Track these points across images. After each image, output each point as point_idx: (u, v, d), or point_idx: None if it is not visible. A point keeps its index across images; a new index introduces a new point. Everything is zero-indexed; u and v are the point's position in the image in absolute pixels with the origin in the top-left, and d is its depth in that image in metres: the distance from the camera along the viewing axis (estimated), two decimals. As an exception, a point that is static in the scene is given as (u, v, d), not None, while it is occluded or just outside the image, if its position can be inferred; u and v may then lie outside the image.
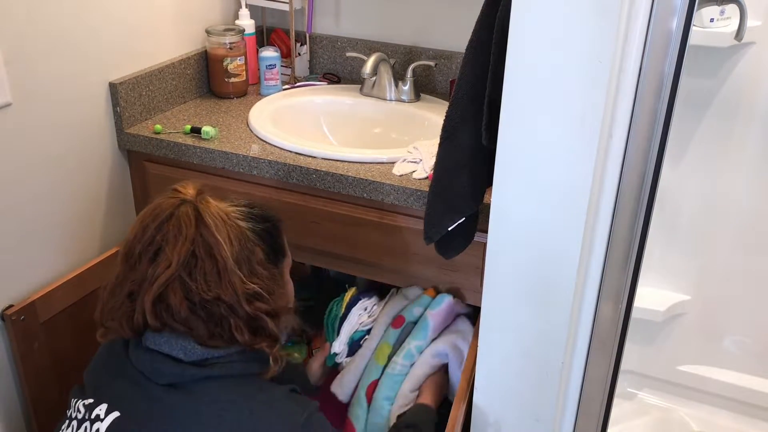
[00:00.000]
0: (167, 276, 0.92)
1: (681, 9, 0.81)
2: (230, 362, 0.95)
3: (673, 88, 0.86)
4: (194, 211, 0.95)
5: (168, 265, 0.92)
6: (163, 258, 0.93)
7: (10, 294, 1.32)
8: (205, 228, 0.94)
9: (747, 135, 1.60)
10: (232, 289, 0.93)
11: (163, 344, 0.95)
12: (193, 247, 0.93)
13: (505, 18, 0.88)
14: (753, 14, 1.44)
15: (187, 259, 0.92)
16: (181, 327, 0.93)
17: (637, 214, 0.94)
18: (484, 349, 1.12)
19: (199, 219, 0.94)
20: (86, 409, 0.96)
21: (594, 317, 1.03)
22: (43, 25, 1.27)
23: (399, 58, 1.72)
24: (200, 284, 0.92)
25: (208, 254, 0.93)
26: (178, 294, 0.92)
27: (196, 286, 0.92)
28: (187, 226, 0.93)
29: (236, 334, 0.94)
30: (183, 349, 0.94)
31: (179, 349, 0.94)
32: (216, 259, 0.93)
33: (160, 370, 0.94)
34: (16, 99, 1.25)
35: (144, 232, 0.95)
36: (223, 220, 0.96)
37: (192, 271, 0.93)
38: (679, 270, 1.79)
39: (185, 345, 0.94)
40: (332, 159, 1.38)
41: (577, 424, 1.13)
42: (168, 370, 0.93)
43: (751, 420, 1.83)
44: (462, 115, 1.04)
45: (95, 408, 0.95)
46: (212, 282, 0.93)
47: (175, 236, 0.93)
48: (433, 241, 1.13)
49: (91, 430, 0.93)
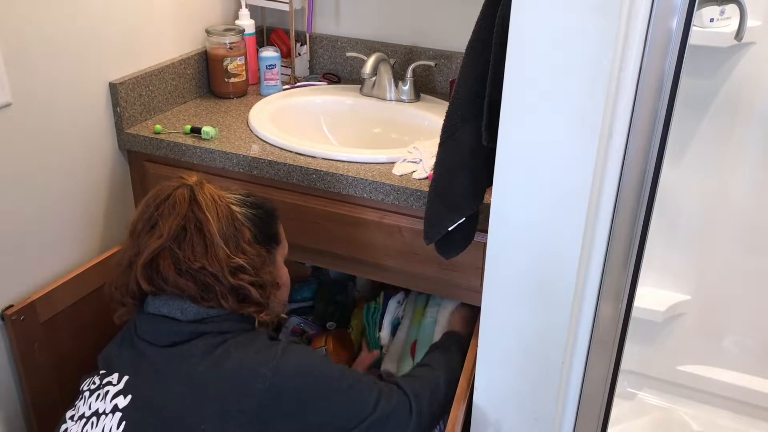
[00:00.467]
0: (158, 245, 1.03)
1: (681, 9, 0.81)
2: (224, 320, 1.05)
3: (673, 88, 0.86)
4: (189, 192, 1.06)
5: (160, 236, 1.03)
6: (156, 230, 1.04)
7: (10, 294, 1.32)
8: (196, 206, 1.05)
9: (747, 135, 1.60)
10: (217, 261, 1.03)
11: (161, 306, 1.05)
12: (184, 222, 1.04)
13: (505, 18, 0.88)
14: (753, 14, 1.44)
15: (177, 232, 1.03)
16: (174, 290, 1.03)
17: (637, 214, 0.94)
18: (484, 349, 1.12)
19: (192, 198, 1.06)
20: (99, 380, 1.05)
21: (594, 317, 1.03)
22: (43, 25, 1.27)
23: (399, 58, 1.72)
24: (188, 254, 1.02)
25: (197, 229, 1.04)
26: (167, 261, 1.03)
27: (184, 255, 1.02)
28: (181, 204, 1.05)
29: (222, 300, 1.04)
30: (180, 308, 1.04)
31: (177, 309, 1.04)
32: (204, 234, 1.04)
33: (161, 330, 1.04)
34: (16, 99, 1.25)
35: (146, 210, 1.07)
36: (213, 200, 1.07)
37: (181, 243, 1.03)
38: (679, 270, 1.79)
39: (182, 305, 1.04)
40: (332, 159, 1.38)
41: (577, 424, 1.13)
42: (167, 329, 1.03)
43: (751, 420, 1.83)
44: (462, 115, 1.04)
45: (107, 377, 1.05)
46: (199, 254, 1.03)
47: (169, 212, 1.05)
48: (433, 241, 1.13)
49: (104, 394, 1.02)
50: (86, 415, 1.02)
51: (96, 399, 1.02)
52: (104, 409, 1.00)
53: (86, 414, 1.02)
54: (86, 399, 1.04)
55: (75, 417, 1.04)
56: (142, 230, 1.06)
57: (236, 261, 1.04)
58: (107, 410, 0.99)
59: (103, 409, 1.00)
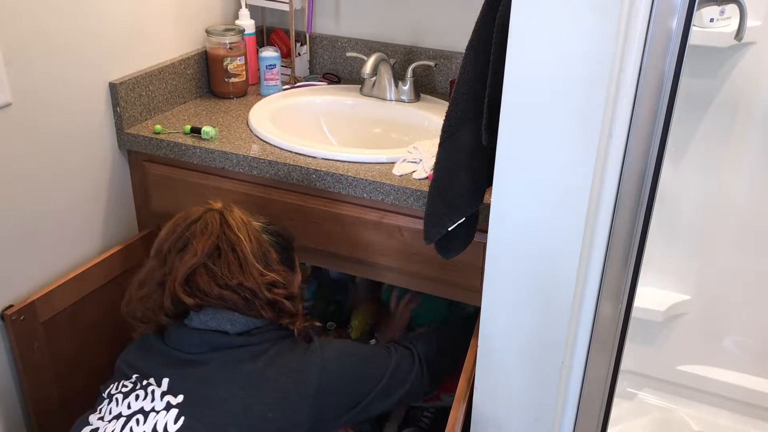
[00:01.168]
0: (193, 262, 1.06)
1: (681, 9, 0.81)
2: (266, 331, 1.10)
3: (673, 88, 0.86)
4: (219, 215, 1.11)
5: (194, 254, 1.06)
6: (190, 249, 1.07)
7: (10, 294, 1.32)
8: (228, 227, 1.10)
9: (747, 135, 1.60)
10: (253, 278, 1.08)
11: (209, 320, 1.08)
12: (218, 242, 1.08)
13: (505, 18, 0.88)
14: (753, 14, 1.44)
15: (211, 251, 1.07)
16: (218, 302, 1.07)
17: (637, 214, 0.94)
18: (484, 349, 1.12)
19: (223, 221, 1.10)
20: (133, 384, 1.07)
21: (594, 317, 1.03)
22: (43, 25, 1.27)
23: (399, 58, 1.72)
24: (225, 272, 1.07)
25: (231, 248, 1.08)
26: (204, 278, 1.06)
27: (221, 272, 1.06)
28: (213, 225, 1.09)
29: (262, 311, 1.08)
30: (230, 320, 1.08)
31: (226, 321, 1.08)
32: (237, 253, 1.08)
33: (209, 343, 1.07)
34: (16, 99, 1.25)
35: (174, 230, 1.10)
36: (243, 223, 1.12)
37: (216, 261, 1.07)
38: (679, 270, 1.79)
39: (231, 316, 1.08)
40: (332, 159, 1.38)
41: (577, 424, 1.13)
42: (217, 341, 1.07)
43: (751, 420, 1.83)
44: (462, 115, 1.04)
45: (144, 379, 1.06)
46: (235, 271, 1.07)
47: (201, 232, 1.08)
48: (433, 241, 1.13)
49: (147, 393, 1.04)
50: (125, 414, 1.03)
51: (136, 399, 1.04)
52: (153, 407, 1.02)
53: (125, 413, 1.03)
54: (120, 401, 1.05)
55: (106, 417, 1.04)
56: (170, 250, 1.09)
57: (270, 277, 1.10)
58: (157, 408, 1.02)
59: (152, 407, 1.02)
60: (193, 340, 1.08)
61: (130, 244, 1.55)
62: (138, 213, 1.60)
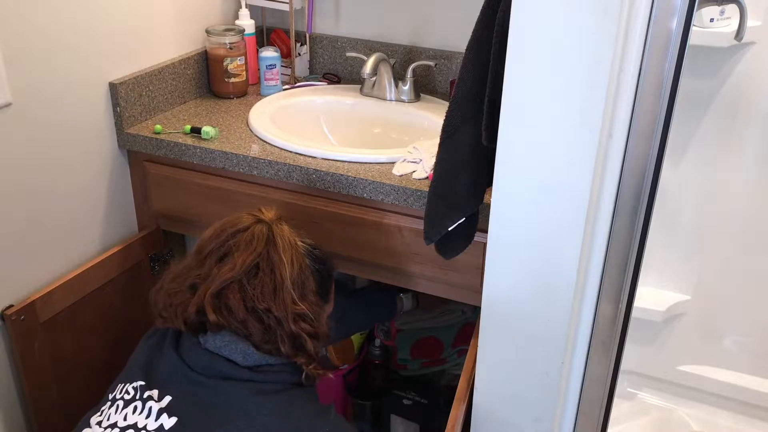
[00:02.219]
0: (230, 276, 1.02)
1: (681, 9, 0.81)
2: (280, 371, 1.04)
3: (673, 88, 0.86)
4: (268, 230, 1.06)
5: (233, 268, 1.02)
6: (229, 260, 1.03)
7: (10, 294, 1.32)
8: (273, 247, 1.05)
9: (747, 135, 1.60)
10: (284, 306, 1.02)
11: (223, 347, 1.02)
12: (259, 259, 1.03)
13: (505, 18, 0.88)
14: (753, 14, 1.44)
15: (250, 268, 1.02)
16: (240, 327, 1.02)
17: (637, 214, 0.94)
18: (484, 349, 1.12)
19: (270, 238, 1.05)
20: (136, 391, 1.02)
21: (594, 317, 1.03)
22: (43, 25, 1.27)
23: (399, 58, 1.72)
24: (257, 293, 1.01)
25: (270, 269, 1.03)
26: (235, 295, 1.01)
27: (253, 293, 1.01)
28: (258, 241, 1.04)
29: (280, 344, 1.02)
30: (242, 353, 1.02)
31: (238, 353, 1.02)
32: (275, 275, 1.03)
33: (216, 369, 1.01)
34: (16, 99, 1.25)
35: (220, 234, 1.07)
36: (290, 244, 1.07)
37: (252, 279, 1.02)
38: (679, 270, 1.79)
39: (244, 349, 1.02)
40: (332, 159, 1.38)
41: (577, 424, 1.13)
42: (225, 369, 1.01)
43: (751, 420, 1.83)
44: (462, 115, 1.04)
45: (146, 390, 1.01)
46: (267, 294, 1.02)
47: (246, 246, 1.04)
48: (433, 241, 1.13)
49: (144, 408, 1.00)
50: (120, 425, 0.99)
51: (133, 411, 1.00)
52: (146, 425, 0.98)
53: (119, 424, 1.00)
54: (120, 408, 1.02)
55: (104, 424, 1.02)
56: (211, 254, 1.05)
57: (301, 308, 1.04)
58: (150, 428, 0.97)
59: (144, 425, 0.98)
60: (202, 361, 1.02)
61: (130, 244, 1.55)
62: (138, 213, 1.60)
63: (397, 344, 1.73)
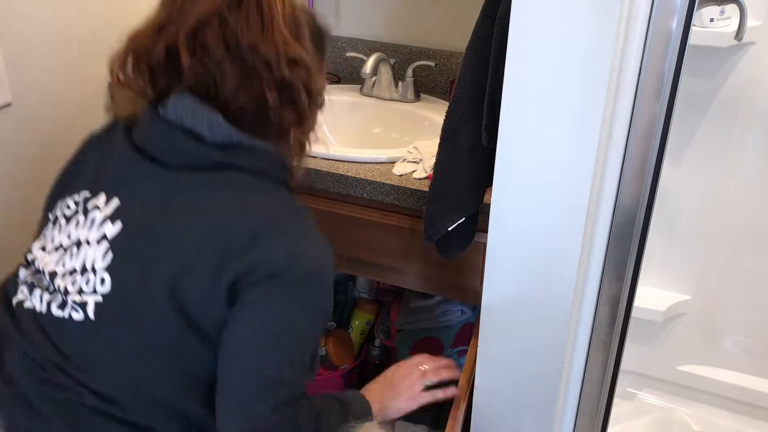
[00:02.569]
0: (209, 8, 0.85)
1: (681, 9, 0.82)
2: (256, 157, 0.88)
3: (673, 88, 0.86)
4: None
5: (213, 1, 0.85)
6: None
7: (10, 294, 1.32)
8: None
9: (747, 135, 1.60)
10: (274, 45, 0.86)
11: (186, 116, 0.86)
12: None
13: (506, 18, 0.88)
14: (753, 14, 1.44)
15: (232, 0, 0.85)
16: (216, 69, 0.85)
17: (637, 214, 0.94)
18: (484, 349, 1.12)
19: None
20: (77, 205, 0.89)
21: (594, 317, 1.04)
22: (43, 25, 1.28)
23: (399, 58, 1.72)
24: (241, 27, 0.85)
25: (257, 3, 0.86)
26: (215, 32, 0.85)
27: (236, 27, 0.84)
28: None
29: (266, 89, 0.86)
30: (208, 124, 0.85)
31: (204, 123, 0.85)
32: (263, 9, 0.86)
33: (177, 149, 0.86)
34: (16, 99, 1.25)
35: None
36: None
37: (234, 11, 0.85)
38: (679, 270, 1.79)
39: (211, 119, 0.85)
40: (332, 159, 1.38)
41: (577, 424, 1.13)
42: (188, 149, 0.86)
43: (751, 420, 1.83)
44: (462, 115, 1.04)
45: (90, 200, 0.88)
46: (254, 30, 0.85)
47: None
48: (433, 241, 1.13)
49: (86, 220, 0.86)
50: (64, 245, 0.87)
51: (76, 227, 0.87)
52: (87, 237, 0.85)
53: (64, 244, 0.88)
54: (62, 227, 0.89)
55: (48, 247, 0.90)
56: None
57: (296, 50, 0.87)
58: (92, 239, 0.85)
59: (86, 238, 0.85)
60: (160, 142, 0.87)
61: (130, 244, 1.54)
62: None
63: (397, 344, 1.73)
